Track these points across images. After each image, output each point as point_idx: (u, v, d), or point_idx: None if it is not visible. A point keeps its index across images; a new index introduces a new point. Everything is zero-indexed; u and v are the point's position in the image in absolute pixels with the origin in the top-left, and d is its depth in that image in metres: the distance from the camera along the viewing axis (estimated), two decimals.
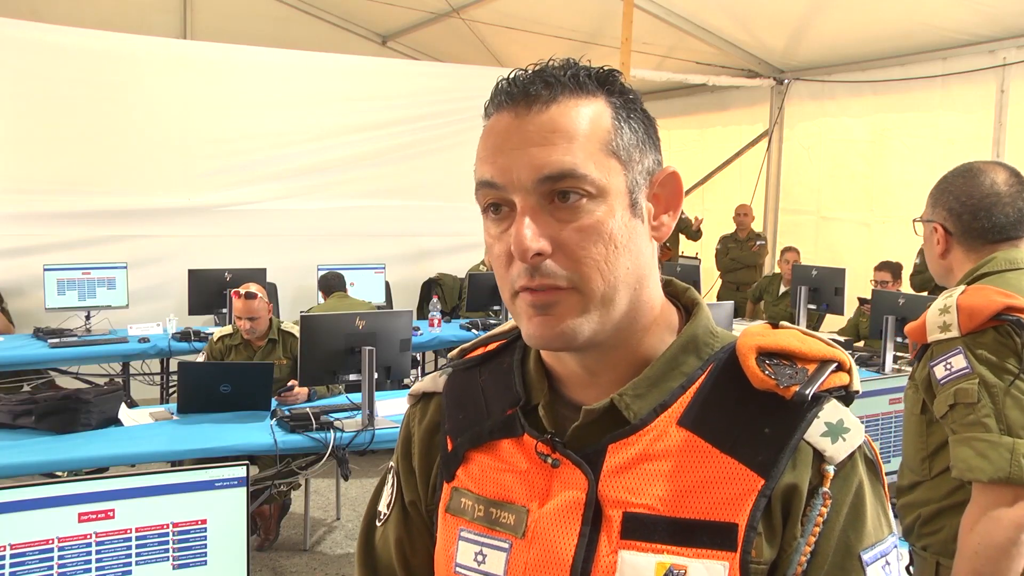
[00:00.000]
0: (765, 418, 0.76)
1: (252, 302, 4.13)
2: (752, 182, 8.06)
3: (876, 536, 0.77)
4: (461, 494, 0.86)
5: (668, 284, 0.87)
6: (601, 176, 0.75)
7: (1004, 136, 5.96)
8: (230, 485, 1.87)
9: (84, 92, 5.97)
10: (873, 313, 5.14)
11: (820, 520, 0.74)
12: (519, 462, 0.83)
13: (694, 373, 0.80)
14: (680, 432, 0.77)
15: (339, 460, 3.48)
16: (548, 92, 0.75)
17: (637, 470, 0.77)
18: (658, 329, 0.82)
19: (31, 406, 3.36)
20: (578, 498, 0.78)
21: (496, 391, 0.88)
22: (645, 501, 0.76)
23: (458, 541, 0.85)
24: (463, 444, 0.87)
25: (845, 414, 0.77)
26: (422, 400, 0.96)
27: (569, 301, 0.75)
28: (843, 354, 0.79)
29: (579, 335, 0.75)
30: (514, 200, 0.75)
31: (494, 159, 0.76)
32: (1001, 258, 1.70)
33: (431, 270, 7.10)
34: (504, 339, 0.93)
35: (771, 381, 0.76)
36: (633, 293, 0.78)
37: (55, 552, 1.72)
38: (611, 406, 0.79)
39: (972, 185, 1.76)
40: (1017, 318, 1.53)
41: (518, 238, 0.73)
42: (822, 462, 0.75)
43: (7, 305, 5.74)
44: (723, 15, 6.93)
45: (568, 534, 0.78)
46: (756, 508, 0.73)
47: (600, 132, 0.76)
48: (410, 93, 7.04)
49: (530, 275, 0.74)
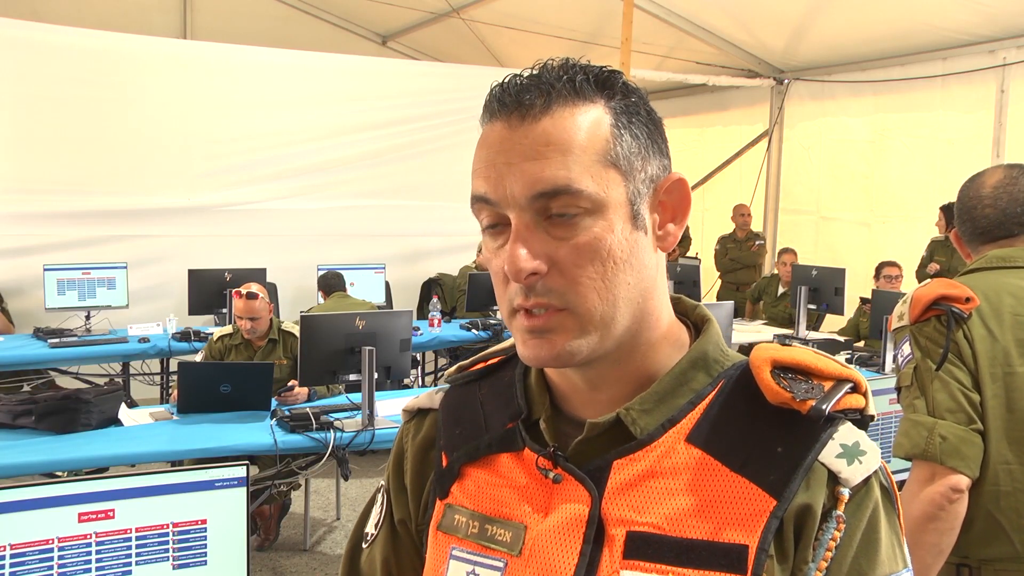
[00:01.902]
0: (778, 436, 0.73)
1: (253, 302, 4.13)
2: (752, 182, 8.06)
3: (890, 567, 0.74)
4: (455, 511, 0.83)
5: (678, 302, 0.84)
6: (599, 190, 0.71)
7: (1004, 136, 5.96)
8: (230, 485, 1.87)
9: (84, 92, 5.97)
10: (873, 313, 5.15)
11: (832, 544, 0.72)
12: (518, 477, 0.80)
13: (704, 390, 0.77)
14: (689, 449, 0.74)
15: (339, 460, 3.48)
16: (542, 101, 0.72)
17: (643, 488, 0.74)
18: (665, 345, 0.79)
19: (31, 406, 3.36)
20: (580, 515, 0.75)
21: (496, 405, 0.85)
22: (650, 520, 0.73)
23: (449, 560, 0.81)
24: (459, 459, 0.84)
25: (861, 436, 0.75)
26: (417, 416, 0.93)
27: (566, 323, 0.72)
28: (859, 375, 0.76)
29: (576, 356, 0.73)
30: (508, 216, 0.72)
31: (487, 173, 0.73)
32: (991, 255, 1.76)
33: (431, 270, 7.10)
34: (505, 355, 0.90)
35: (787, 394, 0.73)
36: (636, 308, 0.75)
37: (55, 552, 1.72)
38: (617, 421, 0.76)
39: (965, 189, 1.84)
40: (949, 307, 1.63)
41: (512, 259, 0.71)
42: (837, 484, 0.72)
43: (7, 305, 5.74)
44: (723, 15, 6.93)
45: (568, 552, 0.75)
46: (768, 530, 0.70)
47: (598, 142, 0.72)
48: (410, 93, 7.04)
49: (525, 295, 0.72)
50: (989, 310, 1.65)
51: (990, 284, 1.69)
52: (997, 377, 1.61)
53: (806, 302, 6.00)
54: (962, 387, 1.61)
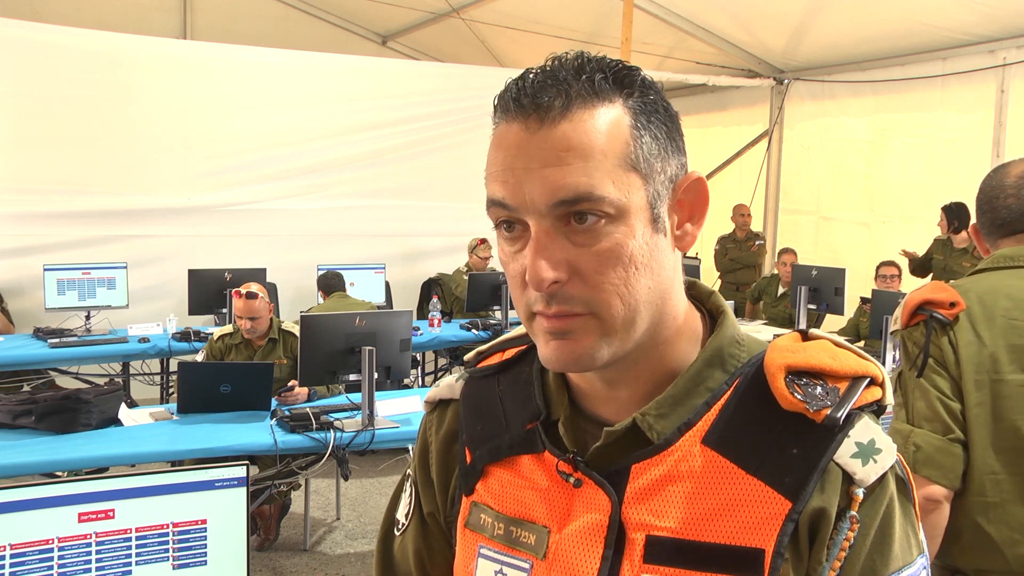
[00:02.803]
0: (793, 439, 0.73)
1: (253, 302, 4.13)
2: (752, 182, 8.06)
3: (904, 559, 0.75)
4: (480, 509, 0.84)
5: (692, 286, 0.83)
6: (620, 195, 0.70)
7: (1004, 136, 5.96)
8: (230, 485, 1.87)
9: (84, 92, 5.97)
10: (873, 313, 5.15)
11: (846, 544, 0.72)
12: (540, 479, 0.80)
13: (719, 389, 0.77)
14: (705, 452, 0.75)
15: (339, 460, 3.48)
16: (561, 102, 0.70)
17: (661, 492, 0.75)
18: (682, 340, 0.79)
19: (31, 406, 3.36)
20: (601, 520, 0.76)
21: (515, 403, 0.85)
22: (668, 524, 0.74)
23: (477, 558, 0.83)
24: (482, 457, 0.85)
25: (877, 433, 0.74)
26: (439, 407, 0.93)
27: (587, 326, 0.72)
28: (876, 368, 0.76)
29: (597, 359, 0.73)
30: (527, 221, 0.71)
31: (505, 178, 0.71)
32: (997, 255, 1.67)
33: (431, 270, 7.10)
34: (522, 344, 0.90)
35: (801, 404, 0.72)
36: (655, 310, 0.75)
37: (55, 552, 1.72)
38: (634, 425, 0.76)
39: (988, 179, 1.73)
40: (931, 312, 1.59)
41: (534, 268, 0.70)
42: (851, 484, 0.72)
43: (7, 305, 5.74)
44: (723, 15, 6.93)
45: (591, 557, 0.76)
46: (783, 533, 0.71)
47: (618, 145, 0.71)
48: (410, 93, 7.04)
49: (547, 303, 0.71)
50: (981, 314, 1.58)
51: (988, 286, 1.62)
52: (983, 384, 1.55)
53: (806, 302, 5.99)
54: (941, 395, 1.56)
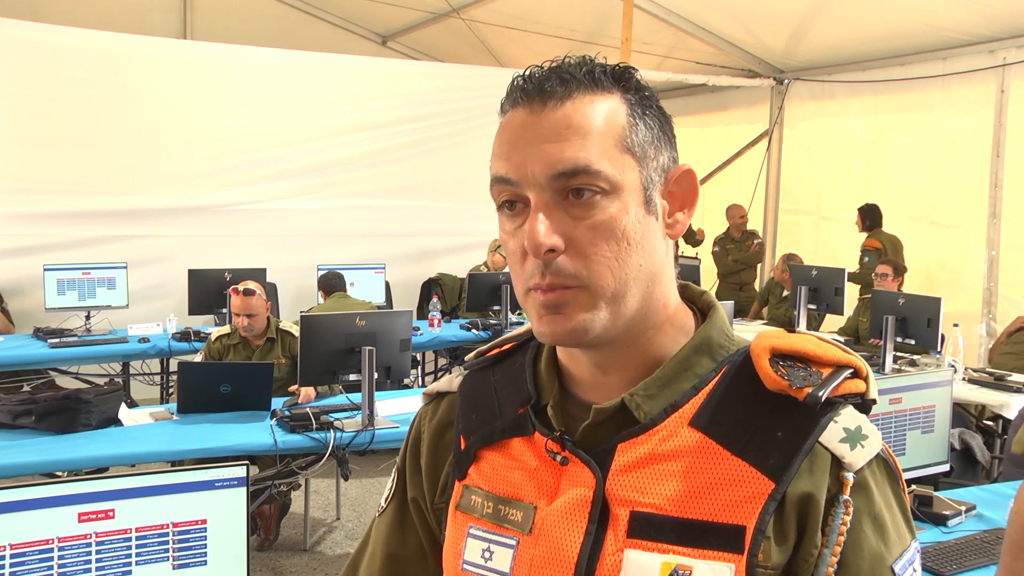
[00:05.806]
0: (778, 421, 0.75)
1: (250, 299, 4.13)
2: (752, 182, 8.06)
3: (901, 544, 0.77)
4: (472, 491, 0.87)
5: (685, 288, 0.87)
6: (615, 172, 0.75)
7: (1004, 136, 5.96)
8: (230, 485, 1.87)
9: (84, 92, 5.97)
10: (873, 313, 5.14)
11: (844, 529, 0.74)
12: (529, 460, 0.84)
13: (707, 375, 0.80)
14: (691, 433, 0.77)
15: (339, 460, 3.48)
16: (563, 88, 0.76)
17: (646, 470, 0.77)
18: (671, 329, 0.82)
19: (31, 406, 3.36)
20: (585, 496, 0.78)
21: (508, 390, 0.89)
22: (653, 501, 0.76)
23: (466, 538, 0.86)
24: (476, 443, 0.88)
25: (863, 421, 0.77)
26: (435, 399, 0.97)
27: (579, 299, 0.75)
28: (859, 361, 0.79)
29: (590, 331, 0.76)
30: (528, 196, 0.76)
31: (509, 155, 0.76)
32: None
33: (431, 270, 7.10)
34: (517, 340, 0.94)
35: (784, 382, 0.75)
36: (645, 290, 0.78)
37: (55, 552, 1.72)
38: (622, 406, 0.79)
39: None
40: None
41: (532, 234, 0.74)
42: (841, 469, 0.74)
43: (7, 305, 5.74)
44: (723, 15, 6.93)
45: (574, 531, 0.78)
46: (765, 512, 0.73)
47: (615, 128, 0.76)
48: (410, 93, 7.04)
49: (542, 273, 0.75)
50: None
51: None
52: None
53: (806, 302, 5.99)
54: None
